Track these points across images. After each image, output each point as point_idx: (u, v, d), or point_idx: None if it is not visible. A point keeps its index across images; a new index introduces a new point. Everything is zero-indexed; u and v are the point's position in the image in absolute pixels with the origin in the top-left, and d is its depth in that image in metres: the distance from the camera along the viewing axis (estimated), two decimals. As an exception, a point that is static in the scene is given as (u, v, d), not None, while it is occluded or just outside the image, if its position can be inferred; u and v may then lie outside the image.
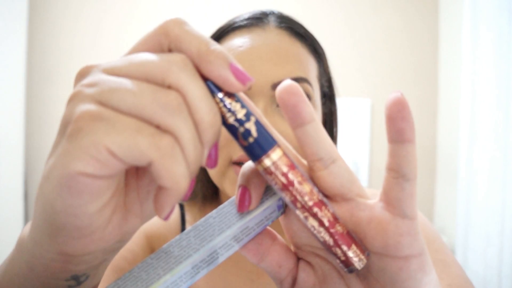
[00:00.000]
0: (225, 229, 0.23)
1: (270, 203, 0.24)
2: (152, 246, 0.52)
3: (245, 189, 0.23)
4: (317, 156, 0.22)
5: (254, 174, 0.23)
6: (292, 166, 0.21)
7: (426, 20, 1.83)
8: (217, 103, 0.20)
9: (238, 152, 0.45)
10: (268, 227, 0.25)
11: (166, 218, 0.20)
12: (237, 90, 0.20)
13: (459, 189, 1.49)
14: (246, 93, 0.46)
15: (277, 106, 0.46)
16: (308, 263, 0.25)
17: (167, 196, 0.19)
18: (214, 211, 0.24)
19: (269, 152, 0.21)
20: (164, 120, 0.18)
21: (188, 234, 0.23)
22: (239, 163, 0.46)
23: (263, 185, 0.23)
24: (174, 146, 0.18)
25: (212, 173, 0.48)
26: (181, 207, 0.56)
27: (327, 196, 0.23)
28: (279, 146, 0.21)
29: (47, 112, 1.80)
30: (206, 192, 0.56)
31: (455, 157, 1.59)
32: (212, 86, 0.20)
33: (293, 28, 0.49)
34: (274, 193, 0.24)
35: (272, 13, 0.51)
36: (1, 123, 1.61)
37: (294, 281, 0.25)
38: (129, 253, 0.48)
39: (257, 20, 0.49)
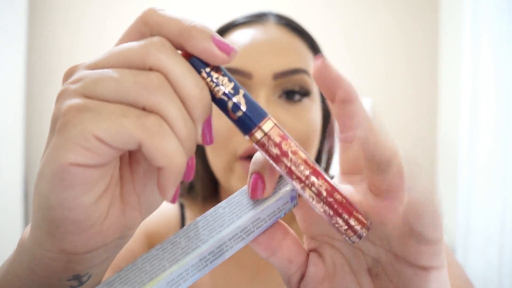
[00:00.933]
0: (235, 219, 0.22)
1: (284, 194, 0.23)
2: (151, 245, 0.52)
3: (258, 175, 0.22)
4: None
5: (268, 161, 0.22)
6: (284, 137, 0.21)
7: (426, 19, 1.83)
8: (204, 79, 0.21)
9: (243, 146, 0.45)
10: (280, 220, 0.24)
11: (173, 201, 0.20)
12: (222, 61, 0.20)
13: (459, 189, 1.49)
14: (248, 83, 0.47)
15: (279, 97, 0.47)
16: (319, 255, 0.25)
17: (166, 175, 0.19)
18: (224, 201, 0.23)
19: (260, 124, 0.21)
20: (147, 100, 0.18)
21: (196, 224, 0.22)
22: (247, 157, 0.45)
23: (277, 173, 0.23)
24: (161, 124, 0.18)
25: (218, 169, 0.48)
26: (181, 206, 0.56)
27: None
28: (270, 117, 0.21)
29: (47, 112, 1.80)
30: (206, 192, 0.56)
31: (455, 157, 1.59)
32: (198, 62, 0.20)
33: (291, 25, 0.51)
34: (287, 183, 0.23)
35: (271, 13, 0.52)
36: (1, 123, 1.61)
37: (303, 276, 0.25)
38: (129, 252, 0.48)
39: (257, 18, 0.50)
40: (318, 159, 0.55)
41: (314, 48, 0.52)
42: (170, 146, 0.18)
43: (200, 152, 0.54)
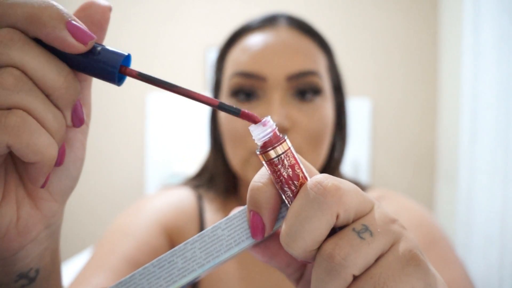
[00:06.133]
0: (233, 246, 0.22)
1: (281, 223, 0.23)
2: (171, 238, 0.52)
3: (258, 217, 0.22)
4: None
5: (264, 195, 0.22)
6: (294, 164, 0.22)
7: (426, 18, 1.83)
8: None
9: None
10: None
11: (43, 186, 0.21)
12: (78, 51, 0.20)
13: (459, 189, 1.49)
14: (263, 86, 0.49)
15: (292, 96, 0.50)
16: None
17: (39, 169, 0.19)
18: (223, 221, 0.23)
19: (275, 144, 0.21)
20: (6, 100, 0.18)
21: (194, 244, 0.22)
22: None
23: (276, 208, 0.22)
24: (25, 121, 0.18)
25: (236, 163, 0.51)
26: (199, 198, 0.57)
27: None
28: (285, 139, 0.22)
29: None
30: (227, 185, 0.58)
31: (455, 157, 1.59)
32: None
33: (302, 26, 0.54)
34: (286, 212, 0.23)
35: (282, 15, 0.55)
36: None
37: (302, 274, 0.25)
38: (145, 246, 0.48)
39: (269, 22, 0.54)
40: (332, 152, 0.58)
41: (324, 47, 0.55)
42: (40, 141, 0.19)
43: (220, 149, 0.58)
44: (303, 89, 0.50)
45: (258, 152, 0.22)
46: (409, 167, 1.84)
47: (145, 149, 1.91)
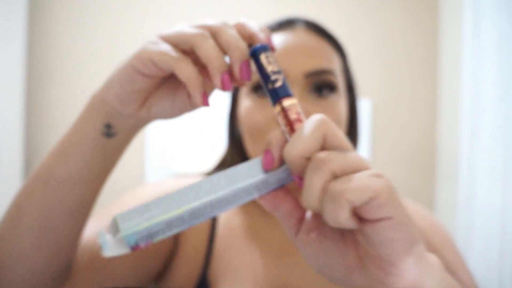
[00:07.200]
0: (250, 177, 0.29)
1: (285, 168, 0.30)
2: None
3: (270, 153, 0.29)
4: None
5: (275, 137, 0.29)
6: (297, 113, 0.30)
7: (426, 18, 1.83)
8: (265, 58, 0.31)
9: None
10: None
11: (204, 103, 0.31)
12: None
13: (459, 189, 1.49)
14: None
15: (309, 92, 0.55)
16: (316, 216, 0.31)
17: (189, 88, 0.30)
18: (241, 164, 0.30)
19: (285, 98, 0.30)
20: (188, 41, 0.31)
21: (218, 175, 0.29)
22: None
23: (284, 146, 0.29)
24: (183, 58, 0.31)
25: (253, 152, 0.55)
26: None
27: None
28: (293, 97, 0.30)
29: (47, 113, 1.80)
30: None
31: (456, 157, 1.59)
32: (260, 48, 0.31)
33: (319, 29, 0.58)
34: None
35: (299, 19, 0.59)
36: (0, 124, 1.60)
37: (301, 228, 0.30)
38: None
39: (287, 24, 0.58)
40: None
41: (339, 49, 0.59)
42: (187, 70, 0.30)
43: (238, 144, 0.62)
44: (320, 85, 0.53)
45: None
46: (409, 167, 1.84)
47: (145, 149, 1.91)
